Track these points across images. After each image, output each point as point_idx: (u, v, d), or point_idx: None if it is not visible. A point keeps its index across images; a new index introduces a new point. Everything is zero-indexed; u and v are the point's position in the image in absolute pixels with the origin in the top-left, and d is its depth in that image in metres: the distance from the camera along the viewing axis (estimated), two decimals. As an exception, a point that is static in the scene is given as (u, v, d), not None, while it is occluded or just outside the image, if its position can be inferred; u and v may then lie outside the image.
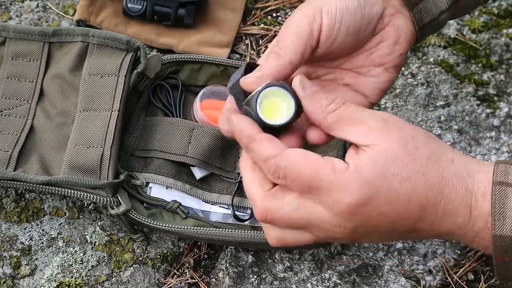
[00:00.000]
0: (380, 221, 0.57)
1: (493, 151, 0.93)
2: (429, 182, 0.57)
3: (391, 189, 0.56)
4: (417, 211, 0.57)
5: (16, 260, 0.82)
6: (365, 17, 0.65)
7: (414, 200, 0.56)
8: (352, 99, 0.67)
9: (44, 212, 0.85)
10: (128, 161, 0.85)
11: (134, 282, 0.82)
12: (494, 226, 0.56)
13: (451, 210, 0.57)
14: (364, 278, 0.84)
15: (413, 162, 0.57)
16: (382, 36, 0.67)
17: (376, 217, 0.57)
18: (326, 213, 0.57)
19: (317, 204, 0.57)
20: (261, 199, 0.60)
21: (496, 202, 0.56)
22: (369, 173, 0.56)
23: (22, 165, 0.81)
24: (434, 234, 0.59)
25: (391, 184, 0.56)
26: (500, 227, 0.56)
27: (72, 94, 0.85)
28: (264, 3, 1.04)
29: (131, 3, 0.96)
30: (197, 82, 0.90)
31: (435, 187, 0.57)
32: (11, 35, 0.88)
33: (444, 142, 0.63)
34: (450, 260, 0.86)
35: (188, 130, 0.85)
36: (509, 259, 0.57)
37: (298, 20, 0.63)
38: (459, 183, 0.57)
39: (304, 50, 0.63)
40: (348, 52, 0.67)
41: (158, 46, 0.97)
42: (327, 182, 0.56)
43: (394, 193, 0.56)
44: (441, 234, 0.59)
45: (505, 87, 0.98)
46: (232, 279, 0.82)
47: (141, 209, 0.81)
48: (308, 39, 0.63)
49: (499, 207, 0.56)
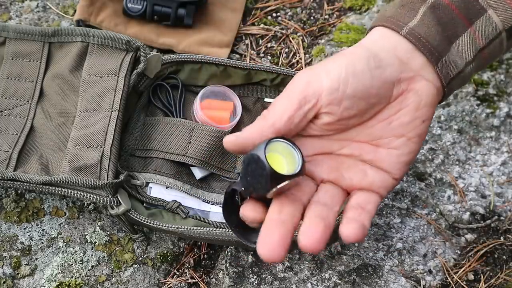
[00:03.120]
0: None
1: (493, 151, 0.93)
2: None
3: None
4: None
5: (16, 260, 0.82)
6: (376, 79, 0.60)
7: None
8: (374, 178, 0.62)
9: (44, 212, 0.85)
10: (128, 161, 0.85)
11: (134, 282, 0.82)
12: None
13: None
14: (364, 278, 0.84)
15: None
16: (401, 102, 0.61)
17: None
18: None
19: None
20: None
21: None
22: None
23: (22, 165, 0.81)
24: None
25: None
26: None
27: (72, 94, 0.85)
28: (264, 3, 1.04)
29: (131, 3, 0.96)
30: (197, 82, 0.90)
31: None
32: (11, 35, 0.88)
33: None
34: (450, 260, 0.86)
35: (188, 130, 0.85)
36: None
37: (293, 83, 0.60)
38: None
39: (293, 114, 0.59)
40: (360, 119, 0.62)
41: (158, 46, 0.97)
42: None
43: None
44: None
45: (505, 87, 0.98)
46: (232, 279, 0.82)
47: (141, 209, 0.81)
48: (299, 103, 0.59)
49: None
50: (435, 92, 0.62)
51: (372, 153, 0.62)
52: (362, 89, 0.59)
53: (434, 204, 0.89)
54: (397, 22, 0.63)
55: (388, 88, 0.60)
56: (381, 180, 0.62)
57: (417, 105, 0.61)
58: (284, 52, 1.00)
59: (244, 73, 0.89)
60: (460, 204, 0.89)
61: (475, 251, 0.87)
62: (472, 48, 0.64)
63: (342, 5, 1.05)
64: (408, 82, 0.61)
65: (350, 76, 0.59)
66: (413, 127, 0.61)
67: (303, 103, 0.59)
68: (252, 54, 0.99)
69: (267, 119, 0.59)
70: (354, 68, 0.59)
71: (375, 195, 0.62)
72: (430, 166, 0.92)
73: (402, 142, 0.61)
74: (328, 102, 0.59)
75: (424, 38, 0.62)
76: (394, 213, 0.89)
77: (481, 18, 0.64)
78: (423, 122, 0.62)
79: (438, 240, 0.87)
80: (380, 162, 0.62)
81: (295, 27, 1.02)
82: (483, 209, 0.89)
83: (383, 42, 0.62)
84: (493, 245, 0.87)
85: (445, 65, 0.62)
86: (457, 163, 0.92)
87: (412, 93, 0.61)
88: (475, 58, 0.64)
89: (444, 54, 0.62)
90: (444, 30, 0.63)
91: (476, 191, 0.91)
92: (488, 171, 0.92)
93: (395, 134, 0.62)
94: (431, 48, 0.62)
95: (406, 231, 0.87)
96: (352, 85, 0.59)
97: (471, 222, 0.89)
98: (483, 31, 0.64)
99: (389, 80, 0.60)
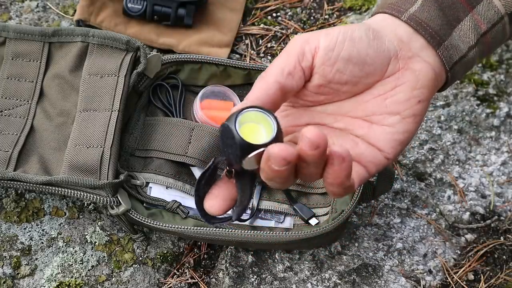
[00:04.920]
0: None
1: (493, 151, 0.93)
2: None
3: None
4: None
5: (16, 260, 0.82)
6: (372, 49, 0.60)
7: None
8: (365, 153, 0.60)
9: (44, 212, 0.85)
10: (128, 161, 0.85)
11: (134, 282, 0.82)
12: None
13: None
14: (364, 278, 0.84)
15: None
16: (398, 78, 0.61)
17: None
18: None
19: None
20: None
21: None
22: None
23: (22, 165, 0.81)
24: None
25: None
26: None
27: (72, 94, 0.85)
28: (264, 3, 1.04)
29: (131, 3, 0.96)
30: (197, 82, 0.90)
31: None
32: (11, 35, 0.88)
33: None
34: (450, 260, 0.86)
35: (188, 130, 0.85)
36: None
37: (292, 42, 0.60)
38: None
39: (293, 70, 0.58)
40: (353, 88, 0.61)
41: (158, 46, 0.97)
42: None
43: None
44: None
45: (505, 87, 0.98)
46: (232, 279, 0.82)
47: (141, 209, 0.81)
48: (297, 58, 0.58)
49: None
50: (433, 76, 0.62)
51: (365, 129, 0.61)
52: (356, 55, 0.59)
53: (434, 204, 0.89)
54: (398, 8, 0.63)
55: (384, 60, 0.60)
56: (371, 155, 0.60)
57: (414, 85, 0.60)
58: (284, 52, 1.00)
59: (244, 73, 0.89)
60: (460, 204, 0.89)
61: (475, 251, 0.87)
62: (474, 32, 0.64)
63: (342, 5, 1.05)
64: (406, 62, 0.61)
65: (347, 40, 0.59)
66: (409, 106, 0.60)
67: (301, 59, 0.59)
68: (252, 54, 0.99)
69: (266, 77, 0.58)
70: (352, 33, 0.59)
71: (362, 168, 0.60)
72: (430, 166, 0.92)
73: (396, 120, 0.60)
74: (321, 62, 0.59)
75: (425, 23, 0.62)
76: (394, 213, 0.89)
77: (482, 2, 0.64)
78: (419, 102, 0.61)
79: (438, 240, 0.87)
80: (372, 137, 0.61)
81: (295, 27, 1.02)
82: (483, 209, 0.89)
83: (383, 23, 0.62)
84: (493, 245, 0.87)
85: (447, 49, 0.62)
86: (457, 163, 0.92)
87: (410, 72, 0.61)
88: (477, 42, 0.64)
89: (446, 38, 0.62)
90: (445, 15, 0.63)
91: (476, 191, 0.91)
92: (488, 171, 0.92)
93: (389, 111, 0.60)
94: (432, 32, 0.62)
95: (406, 231, 0.87)
96: (347, 48, 0.59)
97: (471, 222, 0.89)
98: (484, 16, 0.64)
99: (386, 53, 0.60)
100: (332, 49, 0.59)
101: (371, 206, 0.89)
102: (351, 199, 0.79)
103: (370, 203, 0.89)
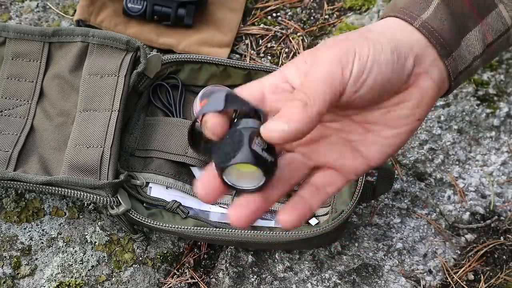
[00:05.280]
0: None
1: (493, 151, 0.93)
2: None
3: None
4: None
5: (16, 260, 0.82)
6: (395, 73, 0.58)
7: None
8: (348, 163, 0.60)
9: (44, 212, 0.85)
10: (128, 161, 0.85)
11: (134, 282, 0.82)
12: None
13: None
14: (364, 278, 0.84)
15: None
16: (405, 96, 0.59)
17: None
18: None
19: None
20: None
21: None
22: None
23: (22, 165, 0.81)
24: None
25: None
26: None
27: (72, 94, 0.85)
28: (264, 3, 1.04)
29: (131, 3, 0.96)
30: (197, 82, 0.90)
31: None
32: (11, 35, 0.88)
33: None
34: (450, 260, 0.86)
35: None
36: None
37: (330, 63, 0.56)
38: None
39: (333, 101, 0.55)
40: (363, 107, 0.60)
41: (158, 46, 0.97)
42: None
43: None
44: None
45: (505, 87, 0.98)
46: (232, 279, 0.82)
47: (141, 209, 0.81)
48: (338, 88, 0.55)
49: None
50: (436, 94, 0.61)
51: (361, 135, 0.60)
52: (380, 82, 0.57)
53: (434, 204, 0.89)
54: (410, 13, 0.62)
55: (400, 82, 0.59)
56: (354, 165, 0.60)
57: (419, 103, 0.60)
58: (284, 52, 1.00)
59: (244, 73, 0.89)
60: (460, 204, 0.89)
61: (475, 251, 0.87)
62: (481, 43, 0.63)
63: (342, 5, 1.05)
64: (417, 78, 0.60)
65: (375, 65, 0.56)
66: (408, 122, 0.60)
67: (341, 87, 0.56)
68: (252, 54, 0.99)
69: (309, 107, 0.54)
70: (380, 56, 0.57)
71: (341, 178, 0.60)
72: (430, 166, 0.92)
73: (392, 134, 0.60)
74: (349, 87, 0.56)
75: (437, 32, 0.61)
76: (394, 213, 0.89)
77: (491, 13, 0.63)
78: (418, 120, 0.60)
79: (438, 240, 0.87)
80: (363, 145, 0.60)
81: (295, 27, 1.02)
82: (483, 209, 0.89)
83: (400, 34, 0.61)
84: (493, 245, 0.87)
85: (454, 60, 0.62)
86: (457, 163, 0.92)
87: (417, 90, 0.60)
88: (483, 53, 0.63)
89: (455, 48, 0.61)
90: (456, 24, 0.62)
91: (476, 191, 0.91)
92: (488, 171, 0.92)
93: (388, 125, 0.60)
94: (443, 43, 0.61)
95: (406, 231, 0.87)
96: (373, 76, 0.56)
97: (471, 222, 0.89)
98: (492, 26, 0.63)
99: (405, 76, 0.59)
100: (360, 77, 0.56)
101: (371, 206, 0.89)
102: (351, 199, 0.79)
103: (370, 203, 0.89)
